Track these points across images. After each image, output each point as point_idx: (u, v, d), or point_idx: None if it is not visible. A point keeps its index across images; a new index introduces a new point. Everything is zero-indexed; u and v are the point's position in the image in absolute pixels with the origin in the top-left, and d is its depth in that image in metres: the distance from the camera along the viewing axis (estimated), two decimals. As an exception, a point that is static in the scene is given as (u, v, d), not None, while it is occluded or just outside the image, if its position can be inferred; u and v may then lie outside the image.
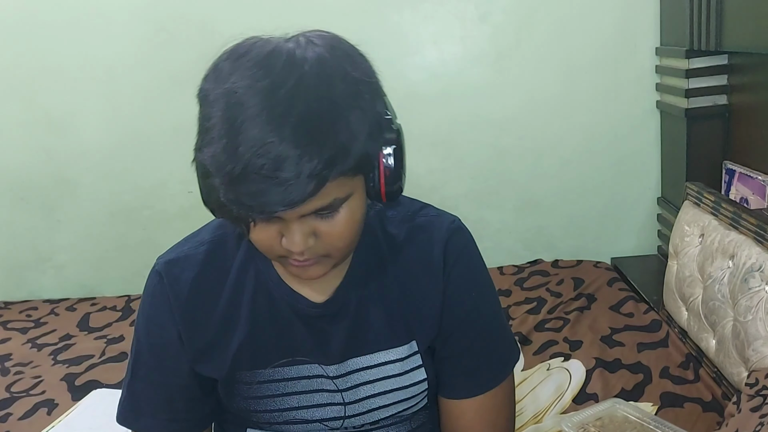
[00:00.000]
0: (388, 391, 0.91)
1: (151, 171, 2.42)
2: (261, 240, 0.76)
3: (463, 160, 2.37)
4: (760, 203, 1.79)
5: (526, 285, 2.19)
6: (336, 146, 0.67)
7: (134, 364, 0.92)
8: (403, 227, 0.91)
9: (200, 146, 0.71)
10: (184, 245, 0.92)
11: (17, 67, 2.37)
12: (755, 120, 1.89)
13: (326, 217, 0.74)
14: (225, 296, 0.89)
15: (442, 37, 2.30)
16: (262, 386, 0.90)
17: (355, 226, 0.78)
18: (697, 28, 1.88)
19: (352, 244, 0.80)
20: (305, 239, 0.74)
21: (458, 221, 0.94)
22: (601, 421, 1.32)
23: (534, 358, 1.75)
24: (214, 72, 0.72)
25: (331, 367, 0.89)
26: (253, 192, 0.67)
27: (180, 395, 0.91)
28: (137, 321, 0.92)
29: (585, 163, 2.36)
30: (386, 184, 0.78)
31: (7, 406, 1.73)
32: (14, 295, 2.54)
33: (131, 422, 0.93)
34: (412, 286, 0.90)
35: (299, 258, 0.76)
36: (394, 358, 0.90)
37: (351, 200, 0.75)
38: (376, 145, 0.75)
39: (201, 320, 0.88)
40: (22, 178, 2.46)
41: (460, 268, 0.90)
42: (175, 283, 0.88)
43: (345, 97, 0.69)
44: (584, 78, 2.29)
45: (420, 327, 0.90)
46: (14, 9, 2.32)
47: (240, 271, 0.89)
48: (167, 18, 2.30)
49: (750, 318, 1.38)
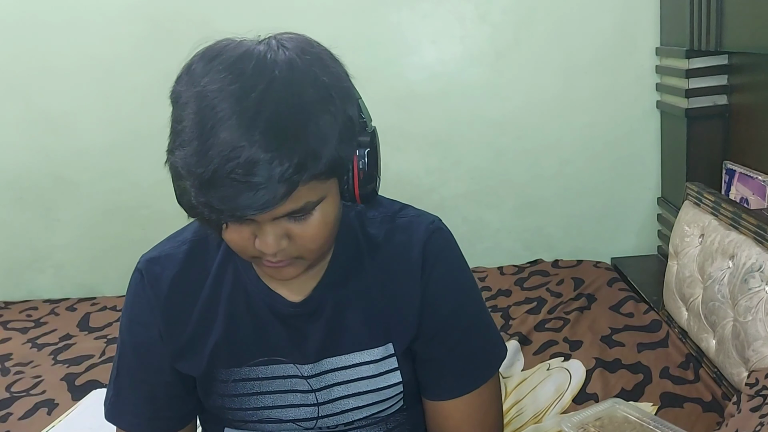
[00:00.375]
0: (362, 392, 0.91)
1: (149, 170, 2.41)
2: (234, 241, 0.77)
3: (463, 160, 2.37)
4: (760, 203, 1.79)
5: (526, 285, 2.18)
6: (306, 151, 0.68)
7: (119, 362, 0.94)
8: (382, 228, 0.91)
9: (172, 148, 0.72)
10: (166, 244, 0.94)
11: (15, 67, 2.37)
12: (755, 120, 1.89)
13: (299, 219, 0.75)
14: (204, 294, 0.90)
15: (442, 37, 2.30)
16: (237, 384, 0.90)
17: (328, 229, 0.78)
18: (697, 28, 1.88)
19: (325, 246, 0.81)
20: (278, 241, 0.74)
21: (438, 221, 0.93)
22: (600, 421, 1.32)
23: (534, 358, 1.75)
24: (187, 74, 0.73)
25: (306, 367, 0.90)
26: (224, 196, 0.67)
27: (162, 393, 0.92)
28: (121, 320, 0.94)
29: (585, 163, 2.36)
30: (360, 186, 0.79)
31: (8, 406, 1.73)
32: (14, 295, 2.54)
33: (116, 420, 0.95)
34: (391, 288, 0.90)
35: (272, 259, 0.77)
36: (368, 359, 0.90)
37: (324, 203, 0.76)
38: (349, 148, 0.76)
39: (180, 318, 0.90)
40: (20, 178, 2.46)
41: (439, 269, 0.90)
42: (156, 281, 0.90)
43: (315, 101, 0.70)
44: (584, 78, 2.29)
45: (397, 329, 0.90)
46: (12, 8, 2.32)
47: (219, 270, 0.90)
48: (165, 17, 2.30)
49: (750, 318, 1.38)
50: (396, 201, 0.95)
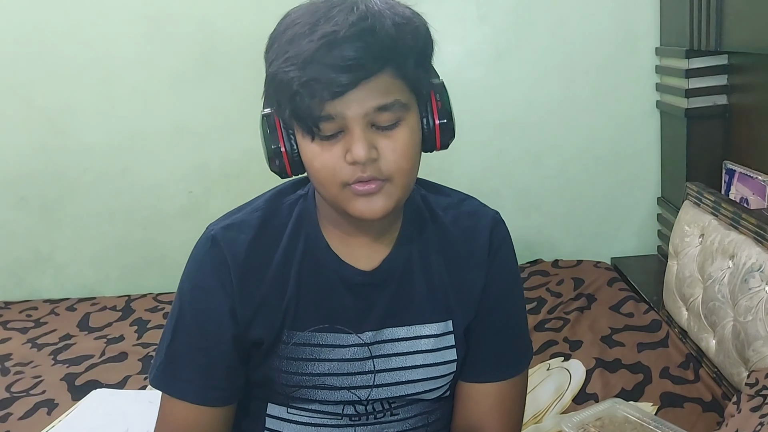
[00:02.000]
0: (419, 365, 0.93)
1: (150, 171, 2.42)
2: (325, 162, 0.80)
3: (463, 160, 2.37)
4: (760, 203, 1.79)
5: (526, 285, 2.18)
6: (395, 42, 0.76)
7: (175, 328, 0.93)
8: (448, 212, 0.97)
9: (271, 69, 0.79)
10: (238, 212, 0.95)
11: (16, 67, 2.37)
12: (755, 120, 1.89)
13: (387, 130, 0.79)
14: (277, 259, 0.92)
15: (442, 38, 2.27)
16: (297, 348, 0.91)
17: (414, 149, 0.83)
18: (697, 28, 1.88)
19: (412, 171, 0.84)
20: (368, 148, 0.78)
21: (499, 214, 1.00)
22: (601, 421, 1.32)
23: (534, 358, 1.73)
24: (278, 25, 0.81)
25: (368, 334, 0.92)
26: (322, 71, 0.74)
27: (220, 362, 0.92)
28: (181, 286, 0.94)
29: (585, 162, 2.36)
30: (440, 127, 0.86)
31: (7, 406, 1.73)
32: (14, 295, 2.54)
33: (167, 385, 0.93)
34: (456, 268, 0.94)
35: (363, 176, 0.79)
36: (429, 333, 0.93)
37: (409, 118, 0.81)
38: (426, 76, 0.84)
39: (256, 281, 0.91)
40: (21, 178, 2.46)
41: (501, 257, 0.96)
42: (233, 245, 0.91)
43: (401, 19, 0.78)
44: (584, 78, 2.29)
45: (458, 308, 0.94)
46: (13, 9, 2.32)
47: (291, 237, 0.93)
48: (166, 17, 2.30)
49: (750, 318, 1.38)
50: (459, 191, 1.02)
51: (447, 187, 1.02)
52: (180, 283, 0.94)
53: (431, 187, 1.01)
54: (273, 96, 0.81)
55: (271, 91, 0.81)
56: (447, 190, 1.02)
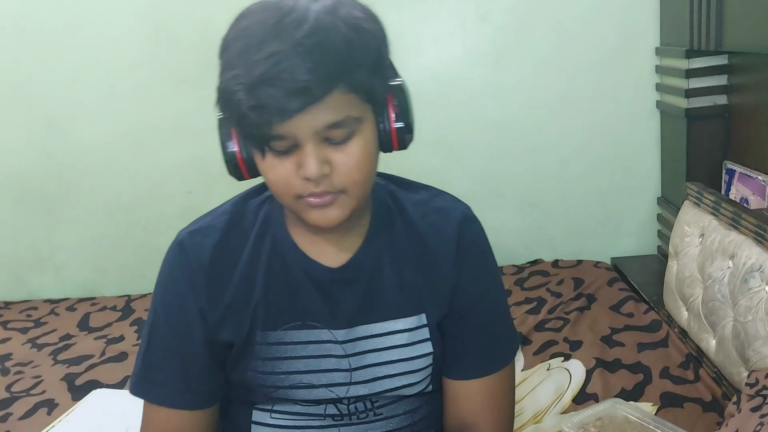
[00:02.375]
0: (394, 361, 0.93)
1: (150, 171, 2.42)
2: (278, 176, 0.79)
3: (463, 160, 2.37)
4: (760, 203, 1.79)
5: (526, 285, 2.19)
6: (345, 58, 0.74)
7: (150, 335, 0.94)
8: (418, 208, 0.96)
9: (222, 80, 0.77)
10: (205, 218, 0.96)
11: (17, 69, 2.37)
12: (755, 120, 1.89)
13: (340, 144, 0.78)
14: (243, 260, 0.92)
15: (443, 38, 2.30)
16: (271, 348, 0.92)
17: (369, 160, 0.81)
18: (697, 28, 1.88)
19: (367, 182, 0.83)
20: (320, 165, 0.77)
21: (470, 210, 0.99)
22: (601, 421, 1.32)
23: (534, 358, 1.75)
24: (229, 28, 0.79)
25: (341, 332, 0.92)
26: (271, 95, 0.72)
27: (195, 365, 0.92)
28: (155, 292, 0.95)
29: (585, 162, 2.36)
30: (397, 130, 0.84)
31: (8, 406, 1.73)
32: (14, 295, 2.54)
33: (146, 392, 0.94)
34: (425, 262, 0.94)
35: (316, 190, 0.78)
36: (402, 327, 0.93)
37: (363, 129, 0.79)
38: (382, 82, 0.81)
39: (222, 284, 0.92)
40: (22, 179, 2.46)
41: (473, 253, 0.95)
42: (198, 249, 0.91)
43: (353, 23, 0.76)
44: (584, 78, 2.29)
45: (430, 301, 0.94)
46: (14, 10, 2.32)
47: (257, 238, 0.93)
48: (167, 19, 2.30)
49: (750, 318, 1.38)
50: (431, 186, 1.01)
51: (420, 184, 1.01)
52: (154, 290, 0.95)
53: (402, 183, 1.00)
54: (224, 108, 0.79)
55: (222, 103, 0.79)
56: (418, 187, 1.01)
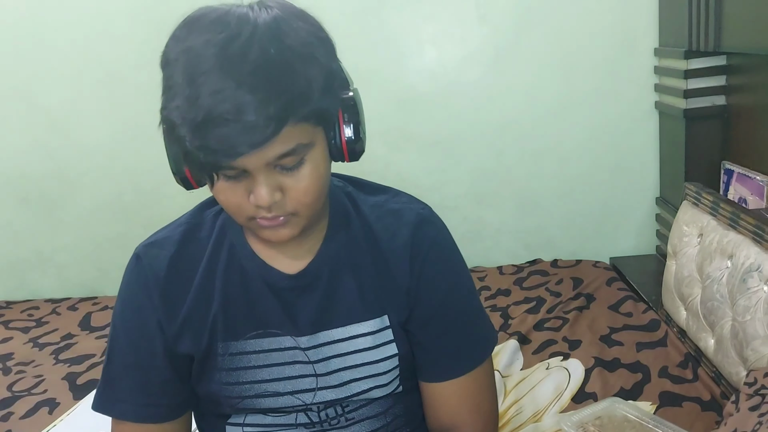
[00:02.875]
0: (360, 364, 0.92)
1: (151, 171, 2.42)
2: (229, 200, 0.78)
3: (463, 161, 2.38)
4: (759, 203, 1.80)
5: (526, 285, 2.19)
6: (292, 92, 0.71)
7: (110, 349, 0.93)
8: (374, 210, 0.94)
9: (165, 105, 0.74)
10: (164, 230, 0.95)
11: (18, 68, 2.38)
12: (754, 120, 1.90)
13: (291, 170, 0.76)
14: (200, 271, 0.91)
15: (442, 38, 2.31)
16: (235, 358, 0.91)
17: (320, 181, 0.80)
18: (696, 29, 1.89)
19: (318, 202, 0.81)
20: (272, 193, 0.75)
21: (428, 209, 0.96)
22: (600, 420, 1.33)
23: (533, 357, 1.75)
24: (172, 38, 0.76)
25: (303, 339, 0.91)
26: (217, 136, 0.69)
27: (155, 378, 0.92)
28: (115, 307, 0.94)
29: (584, 163, 2.37)
30: (347, 142, 0.82)
31: (9, 405, 1.74)
32: (16, 295, 2.54)
33: (107, 408, 0.94)
34: (382, 265, 0.92)
35: (267, 215, 0.78)
36: (365, 331, 0.92)
37: (314, 153, 0.77)
38: (333, 99, 0.78)
39: (179, 296, 0.90)
40: (23, 178, 2.47)
41: (431, 256, 0.92)
42: (154, 261, 0.91)
43: (298, 46, 0.72)
44: (583, 78, 2.30)
45: (391, 302, 0.92)
46: (15, 9, 2.33)
47: (214, 247, 0.92)
48: (168, 18, 2.29)
49: (748, 318, 1.39)
50: (389, 187, 0.98)
51: (378, 185, 0.99)
52: (114, 305, 0.95)
53: (360, 185, 0.98)
54: (168, 136, 0.76)
55: (166, 131, 0.76)
56: (376, 188, 0.98)
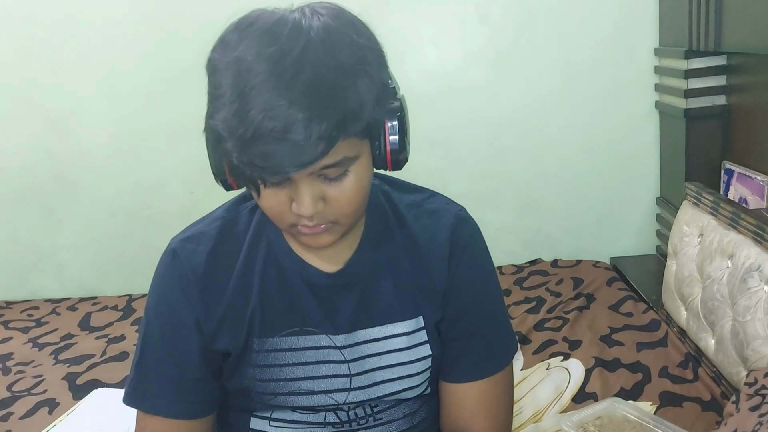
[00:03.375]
0: (394, 365, 0.92)
1: (151, 171, 2.42)
2: (271, 206, 0.78)
3: (463, 160, 2.38)
4: (759, 203, 1.80)
5: (526, 285, 2.19)
6: (344, 110, 0.70)
7: (143, 344, 0.93)
8: (412, 210, 0.95)
9: (211, 113, 0.73)
10: (198, 224, 0.95)
11: (18, 67, 2.37)
12: (754, 120, 1.89)
13: (335, 181, 0.76)
14: (238, 267, 0.91)
15: (442, 38, 2.31)
16: (269, 355, 0.91)
17: (363, 192, 0.80)
18: (696, 29, 1.89)
19: (360, 211, 0.82)
20: (314, 203, 0.75)
21: (465, 211, 0.97)
22: (600, 420, 1.33)
23: (533, 357, 1.75)
24: (222, 43, 0.75)
25: (339, 337, 0.91)
26: (265, 153, 0.69)
27: (189, 375, 0.91)
28: (148, 302, 0.93)
29: (584, 163, 2.37)
30: (392, 152, 0.81)
31: (9, 405, 1.74)
32: (15, 295, 2.54)
33: (139, 402, 0.93)
34: (420, 265, 0.92)
35: (309, 224, 0.78)
36: (401, 331, 0.92)
37: (358, 164, 0.77)
38: (382, 111, 0.78)
39: (217, 292, 0.90)
40: (23, 178, 2.47)
41: (467, 256, 0.93)
42: (191, 256, 0.90)
43: (352, 63, 0.71)
44: (583, 78, 2.30)
45: (427, 303, 0.93)
46: (15, 8, 2.32)
47: (252, 243, 0.91)
48: (168, 18, 2.31)
49: (749, 318, 1.39)
50: (425, 188, 0.99)
51: (413, 185, 1.00)
52: (147, 299, 0.94)
53: (396, 184, 0.99)
54: (213, 146, 0.77)
55: (211, 141, 0.77)
56: (412, 188, 0.99)
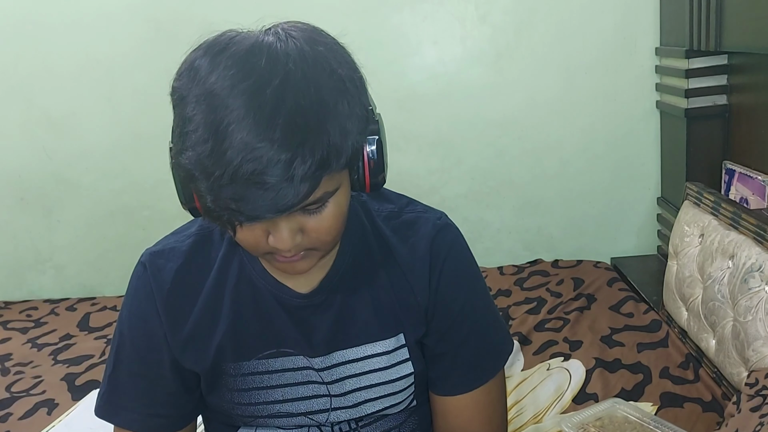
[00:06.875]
0: (375, 384, 0.90)
1: (150, 171, 2.42)
2: (247, 239, 0.74)
3: (463, 161, 2.37)
4: (760, 203, 1.79)
5: (526, 285, 2.19)
6: (328, 146, 0.66)
7: (116, 357, 0.91)
8: (389, 222, 0.91)
9: (181, 149, 0.68)
10: (171, 238, 0.92)
11: (17, 67, 2.37)
12: (755, 120, 1.89)
13: (314, 212, 0.72)
14: (207, 287, 0.88)
15: (442, 38, 2.30)
16: (246, 378, 0.88)
17: (342, 218, 0.77)
18: (697, 28, 1.88)
19: (338, 237, 0.79)
20: (293, 237, 0.72)
21: (444, 217, 0.93)
22: (601, 421, 1.33)
23: (534, 358, 1.75)
24: (190, 71, 0.69)
25: (317, 359, 0.88)
26: (243, 197, 0.65)
27: (161, 389, 0.90)
28: (120, 313, 0.92)
29: (585, 163, 2.37)
30: (371, 176, 0.78)
31: (8, 406, 1.73)
32: (14, 295, 2.54)
33: (111, 416, 0.92)
34: (400, 280, 0.89)
35: (287, 255, 0.75)
36: (380, 350, 0.89)
37: (338, 194, 0.74)
38: (363, 141, 0.75)
39: (183, 311, 0.88)
40: (22, 179, 2.46)
41: (448, 267, 0.89)
42: (159, 273, 0.88)
43: (333, 94, 0.67)
44: (584, 78, 2.29)
45: (408, 320, 0.89)
46: (13, 9, 2.32)
47: (223, 262, 0.88)
48: (167, 17, 2.30)
49: (750, 318, 1.38)
50: (403, 195, 0.95)
51: (390, 192, 0.94)
52: (120, 310, 0.92)
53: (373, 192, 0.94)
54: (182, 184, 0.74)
55: (181, 179, 0.73)
56: (390, 196, 0.94)
